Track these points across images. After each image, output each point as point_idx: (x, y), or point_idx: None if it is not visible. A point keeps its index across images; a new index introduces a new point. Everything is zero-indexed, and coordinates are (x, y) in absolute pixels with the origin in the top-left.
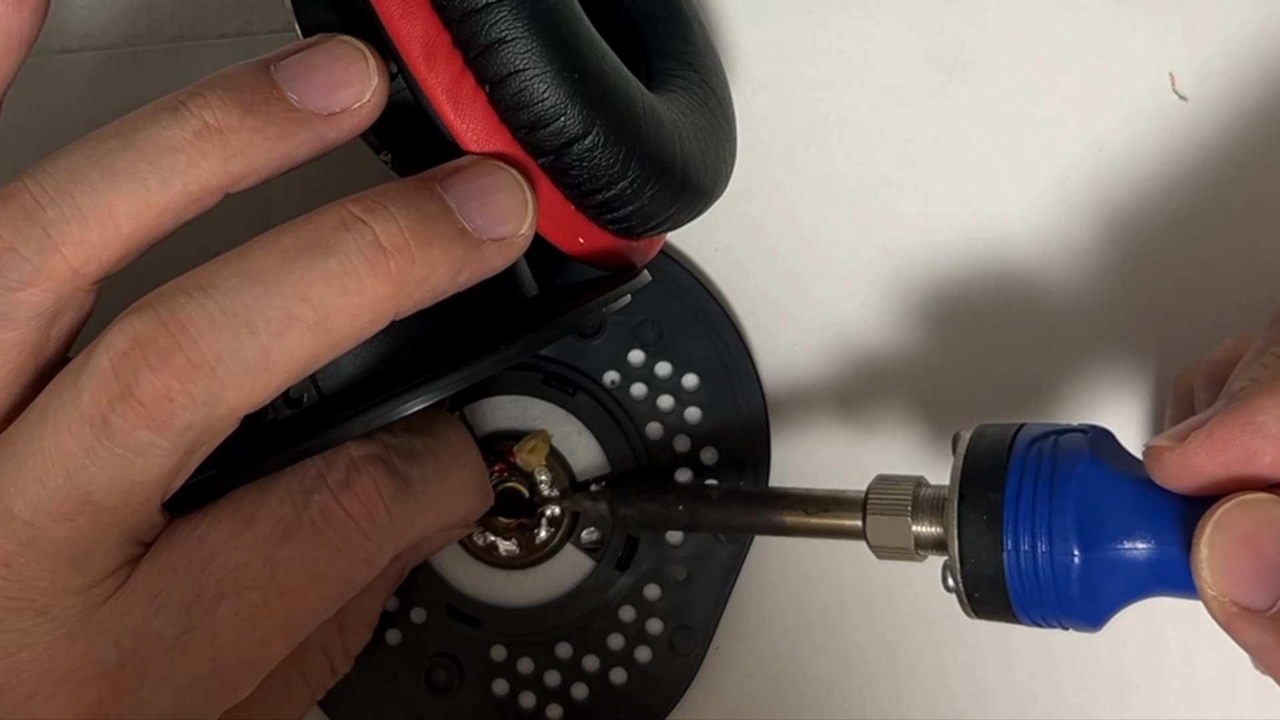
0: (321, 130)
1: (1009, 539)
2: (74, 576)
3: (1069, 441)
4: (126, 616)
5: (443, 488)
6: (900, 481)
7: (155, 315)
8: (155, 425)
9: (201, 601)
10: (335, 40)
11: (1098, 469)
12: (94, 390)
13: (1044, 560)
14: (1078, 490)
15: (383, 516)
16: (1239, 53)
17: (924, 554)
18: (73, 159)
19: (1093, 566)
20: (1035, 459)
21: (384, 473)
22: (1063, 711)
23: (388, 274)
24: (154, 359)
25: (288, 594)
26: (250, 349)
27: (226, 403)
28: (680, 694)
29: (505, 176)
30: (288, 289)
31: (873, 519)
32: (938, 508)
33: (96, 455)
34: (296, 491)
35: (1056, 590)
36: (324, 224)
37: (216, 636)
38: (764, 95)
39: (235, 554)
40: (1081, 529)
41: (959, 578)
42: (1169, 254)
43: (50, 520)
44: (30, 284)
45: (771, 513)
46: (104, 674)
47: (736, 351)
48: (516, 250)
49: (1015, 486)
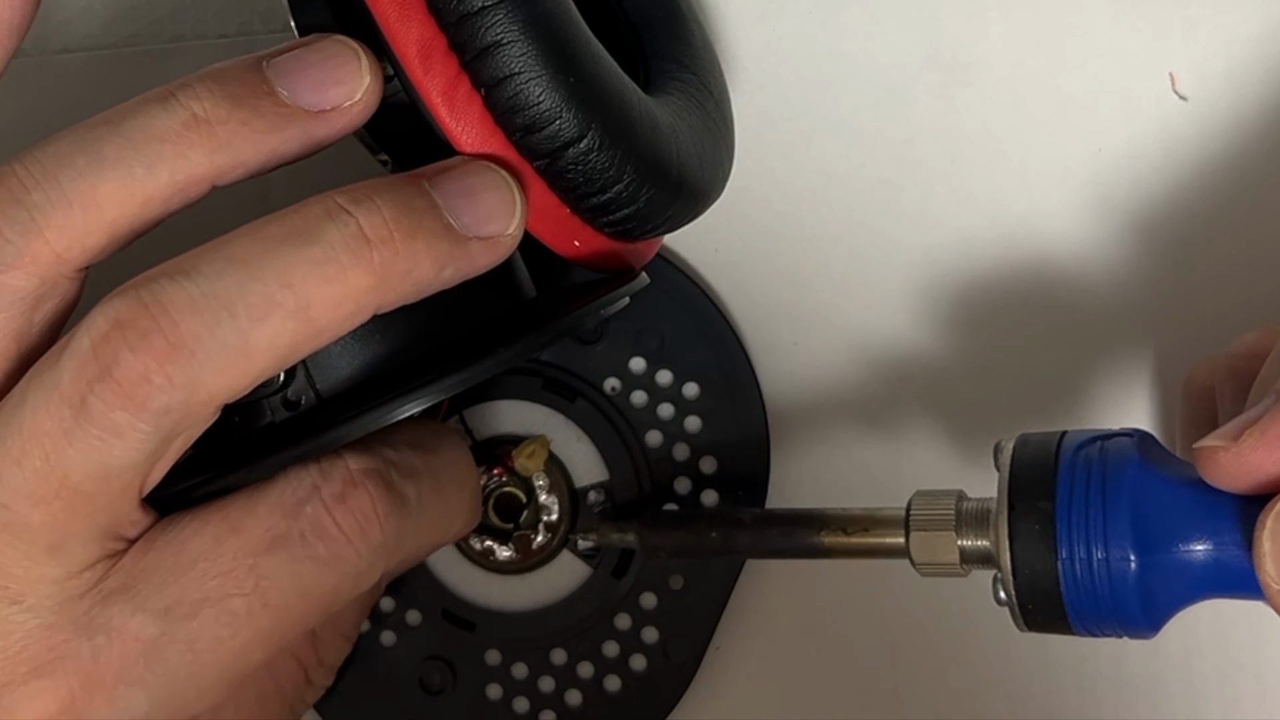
0: (310, 127)
1: (1063, 548)
2: (50, 565)
3: (1116, 446)
4: (104, 613)
5: (441, 509)
6: (940, 496)
7: (137, 297)
8: (132, 406)
9: (182, 605)
10: (330, 39)
11: (1148, 472)
12: (73, 371)
13: (1100, 568)
14: (1130, 495)
15: (376, 535)
16: (1239, 53)
17: (969, 569)
18: (60, 146)
19: (1150, 571)
20: (1084, 466)
21: (381, 489)
22: (1063, 711)
23: (371, 265)
24: (133, 339)
25: (270, 605)
26: (230, 333)
27: (205, 387)
28: (674, 703)
29: (494, 176)
30: (270, 275)
31: (916, 535)
32: (983, 520)
33: (74, 436)
34: (289, 501)
35: (1114, 598)
36: (309, 213)
37: (195, 642)
38: (764, 95)
39: (220, 560)
40: (1137, 534)
41: (1012, 591)
42: (1169, 254)
43: (27, 503)
44: (13, 266)
45: (809, 534)
46: (77, 669)
47: (738, 362)
48: (503, 250)
49: (1066, 494)
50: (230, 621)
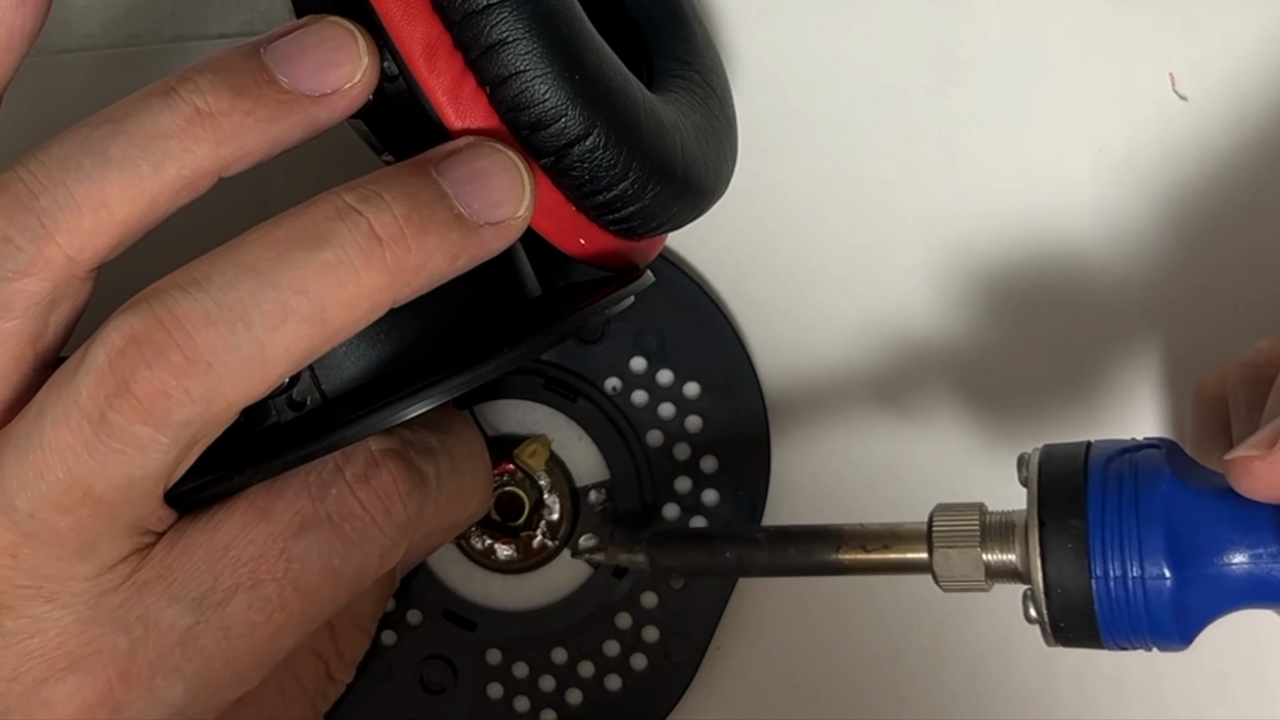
0: (313, 112)
1: (1097, 566)
2: (81, 565)
3: (1146, 459)
4: (138, 605)
5: (457, 487)
6: (962, 509)
7: (151, 311)
8: (153, 421)
9: (215, 593)
10: (325, 21)
11: (1180, 486)
12: (91, 386)
13: (1135, 585)
14: (1164, 510)
15: (399, 512)
16: (1239, 53)
17: (993, 583)
18: (64, 147)
19: (1186, 587)
20: (1115, 480)
21: (402, 467)
22: (1063, 711)
23: (384, 264)
24: (150, 355)
25: (302, 588)
26: (246, 343)
27: (224, 397)
28: (674, 703)
29: (502, 158)
30: (283, 282)
31: (940, 551)
32: (1008, 534)
33: (95, 450)
34: (314, 485)
35: (1149, 614)
36: (318, 214)
37: (229, 629)
38: (764, 95)
39: (251, 546)
40: (1171, 550)
41: (1044, 610)
42: (1168, 254)
43: (53, 512)
44: (26, 273)
45: (827, 552)
46: (114, 661)
47: (739, 361)
48: (514, 233)
49: (1098, 510)
50: (264, 606)
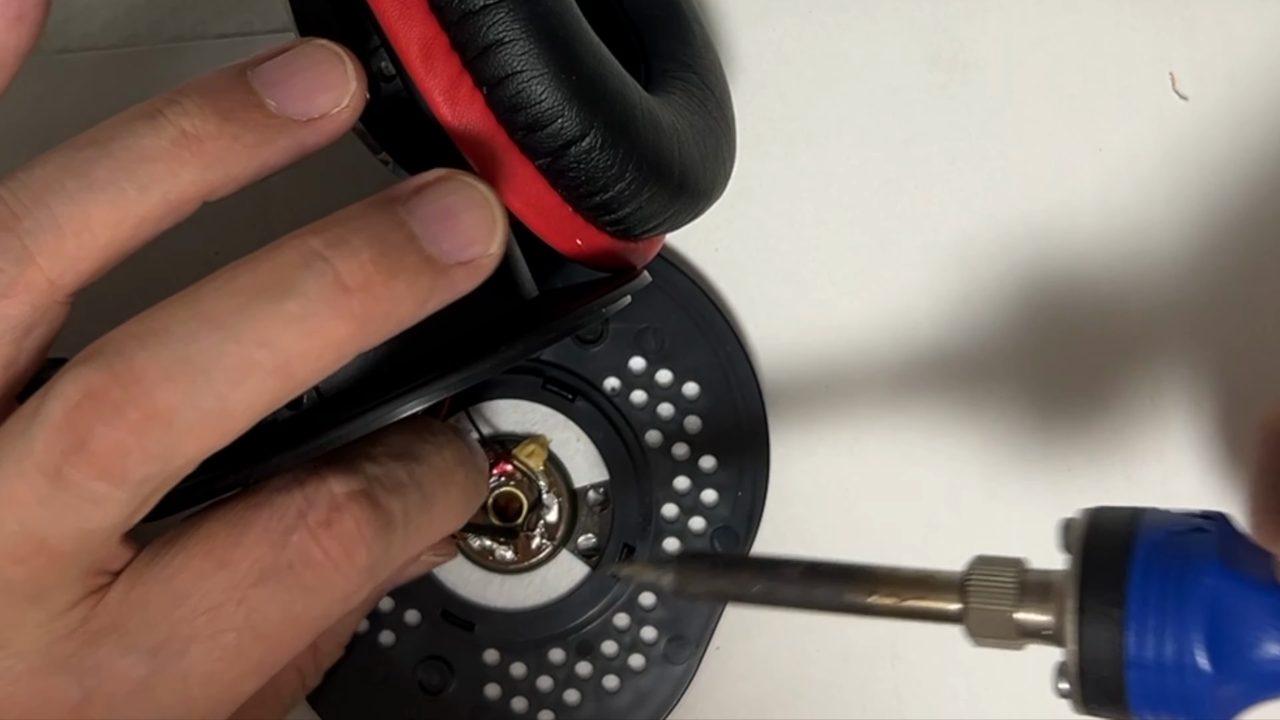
0: (300, 136)
1: (1132, 649)
2: (32, 611)
3: (1195, 544)
4: (91, 654)
5: (427, 519)
6: (1002, 565)
7: (108, 364)
8: (111, 478)
9: (173, 643)
10: (313, 44)
11: (1228, 579)
12: (45, 440)
13: (1172, 678)
14: (1209, 603)
15: (362, 558)
16: (1239, 53)
17: (1025, 643)
18: (48, 169)
19: (1224, 682)
20: (1159, 568)
21: (366, 510)
22: (1063, 712)
23: (350, 314)
24: (107, 412)
25: (262, 636)
26: (207, 399)
27: (185, 453)
28: (673, 702)
29: (472, 193)
30: (246, 335)
31: (975, 607)
32: (1046, 595)
33: (50, 503)
34: (275, 531)
35: (1185, 705)
36: (283, 261)
37: (187, 679)
38: (764, 95)
39: (209, 596)
40: (1212, 646)
41: (1078, 689)
42: (1169, 254)
43: (6, 562)
44: (5, 295)
45: (858, 594)
46: (67, 712)
47: (738, 361)
48: (485, 271)
49: (1140, 598)
50: (222, 656)
